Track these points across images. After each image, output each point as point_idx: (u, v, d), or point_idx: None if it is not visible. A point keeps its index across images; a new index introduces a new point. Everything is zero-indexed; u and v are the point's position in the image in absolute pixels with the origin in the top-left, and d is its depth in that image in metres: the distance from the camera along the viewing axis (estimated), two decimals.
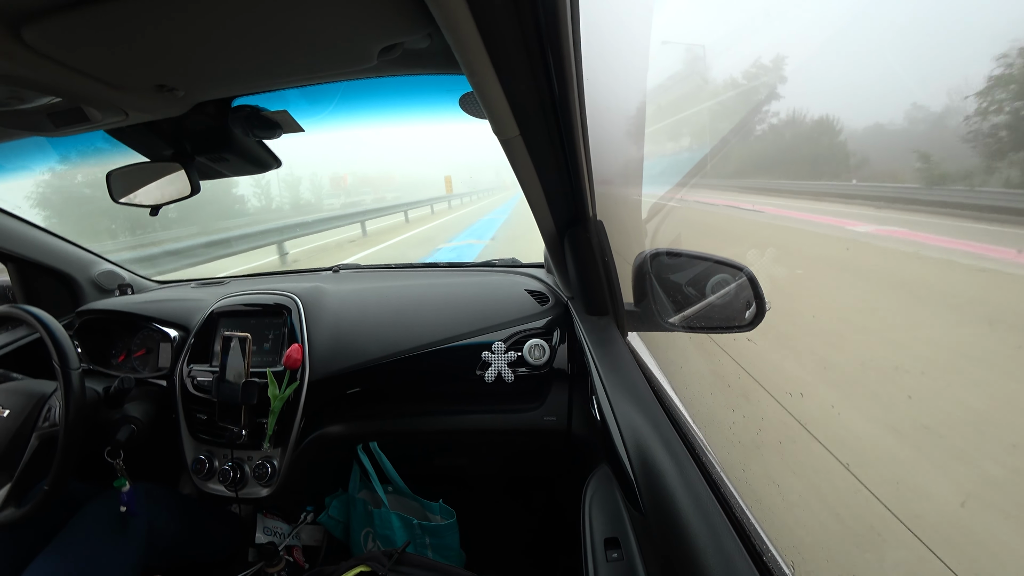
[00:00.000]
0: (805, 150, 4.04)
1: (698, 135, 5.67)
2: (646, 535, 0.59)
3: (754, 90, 5.10)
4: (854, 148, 3.23)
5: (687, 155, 4.96)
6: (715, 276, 0.98)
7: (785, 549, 0.49)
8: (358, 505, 1.39)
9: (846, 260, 2.78)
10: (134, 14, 0.50)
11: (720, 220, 5.44)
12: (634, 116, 1.96)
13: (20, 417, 0.99)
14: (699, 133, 5.66)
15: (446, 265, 1.74)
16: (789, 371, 2.25)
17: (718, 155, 4.52)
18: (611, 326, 1.03)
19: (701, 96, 5.52)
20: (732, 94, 5.53)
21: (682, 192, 3.34)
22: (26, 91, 0.65)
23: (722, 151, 4.55)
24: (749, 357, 2.25)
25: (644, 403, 0.73)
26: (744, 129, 4.80)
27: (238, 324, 1.31)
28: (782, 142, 4.60)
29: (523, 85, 0.60)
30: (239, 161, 1.03)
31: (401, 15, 0.54)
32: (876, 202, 2.93)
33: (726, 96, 5.66)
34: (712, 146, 4.65)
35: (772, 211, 4.95)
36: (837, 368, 2.23)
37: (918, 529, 1.41)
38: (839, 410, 1.95)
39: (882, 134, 2.80)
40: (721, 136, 4.97)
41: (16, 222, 1.41)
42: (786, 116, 4.45)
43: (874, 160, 3.08)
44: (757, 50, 5.58)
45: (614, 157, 1.49)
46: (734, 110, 5.29)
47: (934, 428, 1.70)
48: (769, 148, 4.87)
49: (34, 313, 1.05)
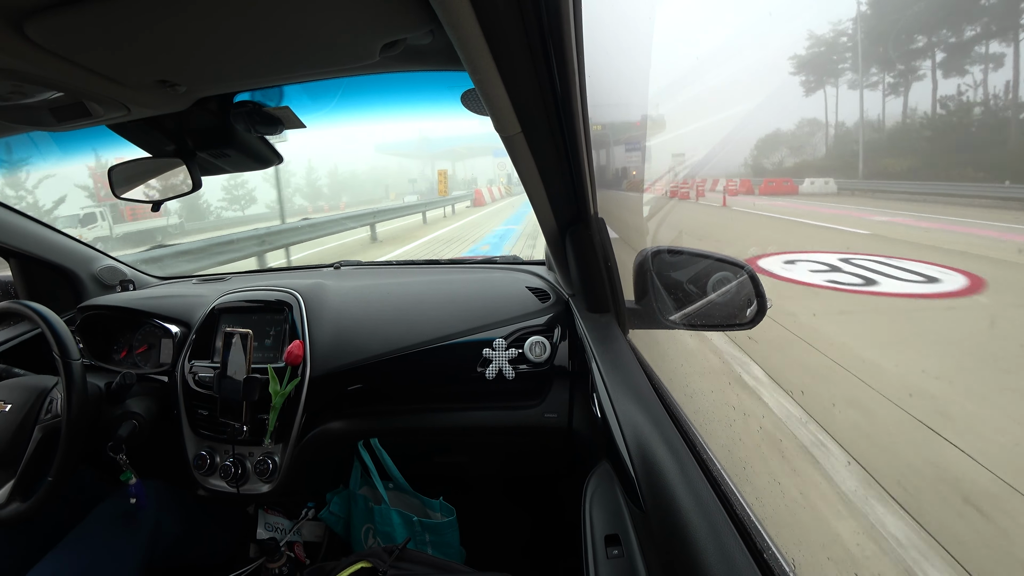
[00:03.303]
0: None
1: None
2: (646, 532, 0.59)
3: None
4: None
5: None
6: (716, 274, 0.98)
7: (786, 546, 0.49)
8: (359, 501, 1.39)
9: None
10: (136, 10, 0.50)
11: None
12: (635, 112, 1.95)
13: (22, 411, 1.00)
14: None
15: (447, 262, 1.74)
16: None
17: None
18: (612, 323, 1.04)
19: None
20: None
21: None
22: (28, 86, 0.65)
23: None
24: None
25: (645, 400, 0.73)
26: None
27: (240, 320, 1.31)
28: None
29: (525, 82, 0.60)
30: (240, 157, 1.03)
31: (403, 11, 0.54)
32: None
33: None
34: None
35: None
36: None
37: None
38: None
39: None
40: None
41: (18, 217, 1.41)
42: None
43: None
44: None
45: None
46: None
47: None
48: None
49: (35, 308, 1.05)
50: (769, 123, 26.02)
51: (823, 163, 20.97)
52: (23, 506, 0.93)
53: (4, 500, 0.94)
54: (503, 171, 37.84)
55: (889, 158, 16.06)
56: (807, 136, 23.75)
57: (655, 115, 33.87)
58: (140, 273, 1.73)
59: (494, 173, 42.00)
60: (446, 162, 60.10)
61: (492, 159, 39.64)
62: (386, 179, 62.12)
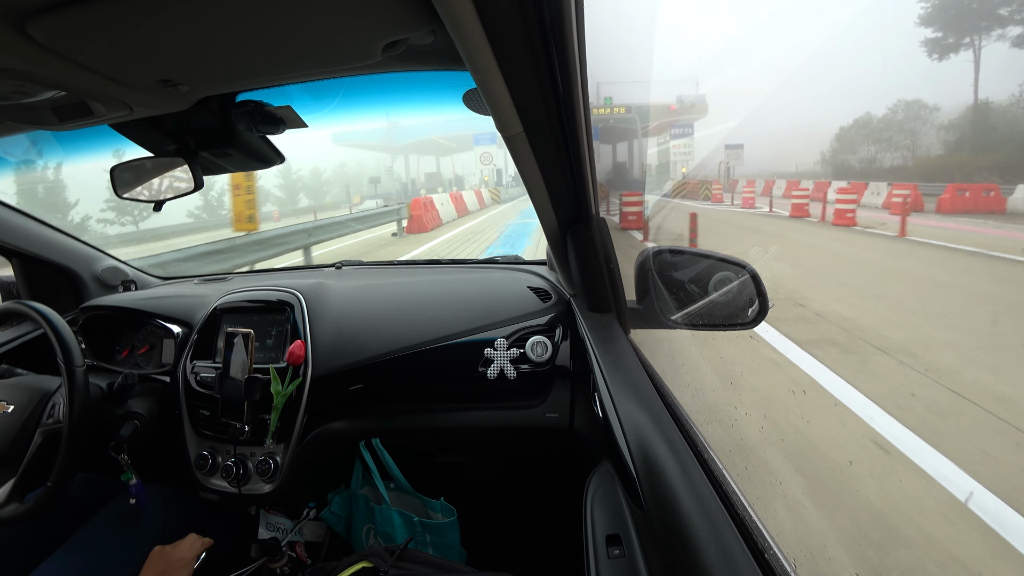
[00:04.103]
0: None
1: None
2: (648, 532, 0.59)
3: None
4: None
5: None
6: (718, 274, 0.98)
7: (787, 546, 0.49)
8: (360, 502, 1.39)
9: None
10: (139, 10, 0.50)
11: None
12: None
13: (24, 413, 1.00)
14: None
15: (449, 262, 1.74)
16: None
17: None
18: (613, 323, 1.03)
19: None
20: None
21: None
22: (30, 85, 0.65)
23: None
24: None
25: (646, 400, 0.73)
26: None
27: (241, 320, 1.31)
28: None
29: (527, 82, 0.60)
30: (242, 156, 1.03)
31: (405, 11, 0.54)
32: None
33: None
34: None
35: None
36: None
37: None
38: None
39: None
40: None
41: (20, 217, 1.41)
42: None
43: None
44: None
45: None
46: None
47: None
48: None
49: (39, 309, 1.05)
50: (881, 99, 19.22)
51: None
52: (22, 507, 0.93)
53: (3, 500, 0.94)
54: (489, 165, 26.04)
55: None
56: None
57: (693, 96, 28.20)
58: (142, 273, 1.74)
59: (475, 168, 29.53)
60: (429, 157, 45.73)
61: (473, 151, 27.02)
62: (346, 178, 48.85)
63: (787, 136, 23.72)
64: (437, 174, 44.80)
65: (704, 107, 28.04)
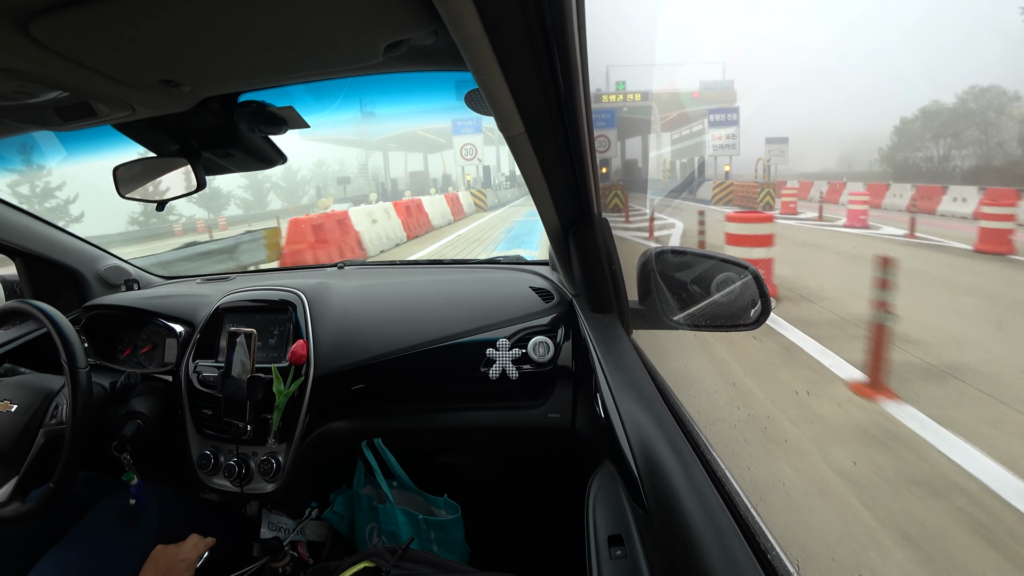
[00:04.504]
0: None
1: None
2: (650, 533, 0.58)
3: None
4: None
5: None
6: (720, 274, 0.98)
7: (790, 547, 0.49)
8: (363, 501, 1.39)
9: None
10: (141, 10, 0.50)
11: None
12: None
13: (28, 413, 1.00)
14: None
15: (451, 262, 1.74)
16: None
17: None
18: (616, 324, 1.03)
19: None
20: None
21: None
22: (33, 86, 0.65)
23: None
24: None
25: (648, 400, 0.73)
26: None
27: (243, 320, 1.31)
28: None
29: (528, 82, 0.60)
30: (245, 157, 1.03)
31: (407, 12, 0.54)
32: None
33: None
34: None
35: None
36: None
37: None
38: None
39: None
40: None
41: (24, 216, 1.42)
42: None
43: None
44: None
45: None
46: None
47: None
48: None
49: (42, 309, 1.06)
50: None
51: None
52: (24, 506, 0.94)
53: (5, 499, 0.94)
54: (472, 160, 20.66)
55: None
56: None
57: (720, 82, 25.31)
58: (144, 273, 1.74)
59: (453, 167, 23.94)
60: (417, 153, 38.64)
61: (451, 140, 21.89)
62: (316, 177, 44.13)
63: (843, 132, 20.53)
64: (424, 171, 38.47)
65: (732, 94, 25.58)
